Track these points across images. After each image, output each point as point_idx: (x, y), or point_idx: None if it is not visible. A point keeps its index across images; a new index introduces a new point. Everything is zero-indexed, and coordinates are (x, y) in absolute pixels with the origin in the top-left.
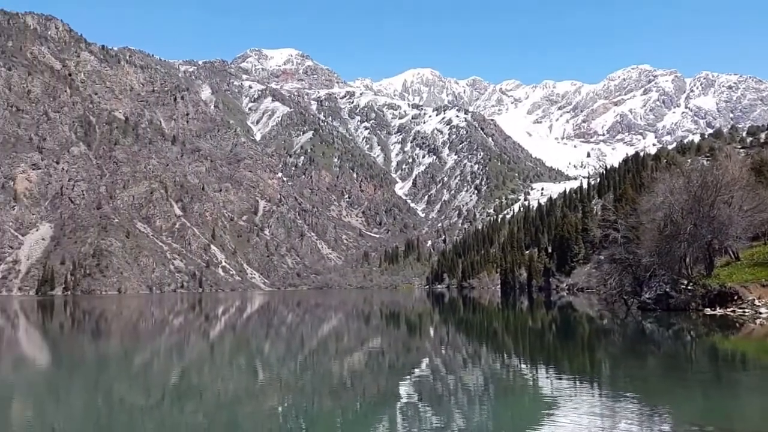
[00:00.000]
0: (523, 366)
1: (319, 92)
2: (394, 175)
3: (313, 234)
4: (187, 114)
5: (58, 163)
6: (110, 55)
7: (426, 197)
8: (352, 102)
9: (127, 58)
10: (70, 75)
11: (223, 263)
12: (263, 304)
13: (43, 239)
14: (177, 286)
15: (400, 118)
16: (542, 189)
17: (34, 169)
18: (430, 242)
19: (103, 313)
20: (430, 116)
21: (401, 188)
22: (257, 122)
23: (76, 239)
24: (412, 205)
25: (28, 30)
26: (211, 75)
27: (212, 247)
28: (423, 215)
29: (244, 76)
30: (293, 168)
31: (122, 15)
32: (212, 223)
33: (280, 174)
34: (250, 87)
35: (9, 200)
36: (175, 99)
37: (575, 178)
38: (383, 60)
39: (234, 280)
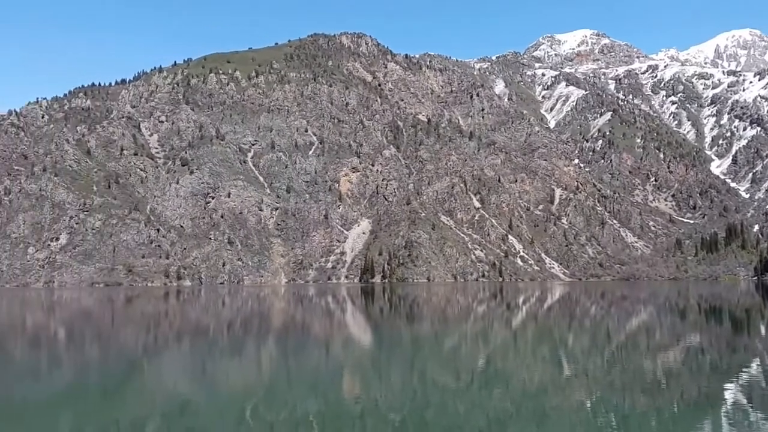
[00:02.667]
0: None
1: (617, 70)
2: (708, 153)
3: (615, 221)
4: (482, 109)
5: (373, 165)
6: (412, 63)
7: (750, 175)
8: (656, 76)
9: (428, 63)
10: (379, 85)
11: (521, 253)
12: (564, 294)
13: (363, 233)
14: (479, 275)
15: (713, 87)
16: None
17: (354, 172)
18: (757, 227)
19: (416, 299)
20: (750, 82)
21: (718, 167)
22: (551, 109)
23: (390, 232)
24: (733, 185)
25: (344, 49)
26: (504, 68)
27: (510, 237)
28: (747, 196)
29: (537, 65)
30: (590, 153)
31: (422, 24)
32: (509, 214)
33: (576, 160)
34: (543, 75)
35: (335, 200)
36: (471, 96)
37: None
38: (690, 25)
39: (533, 269)
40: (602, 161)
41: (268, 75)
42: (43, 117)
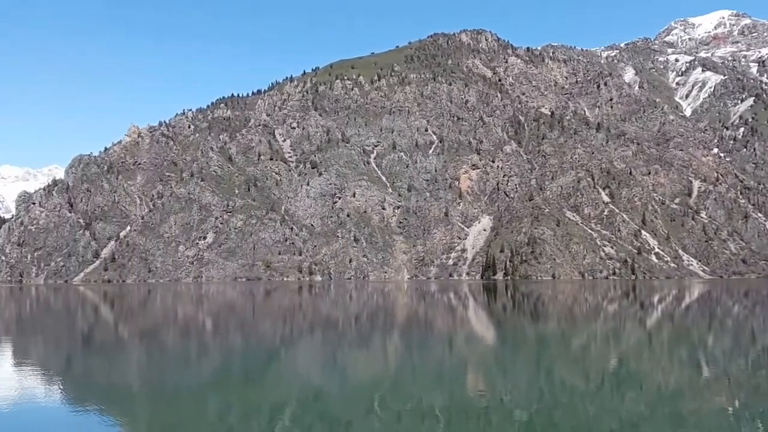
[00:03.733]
0: None
1: (760, 51)
2: None
3: (760, 215)
4: (611, 99)
5: (493, 161)
6: (534, 55)
7: None
8: None
9: (551, 54)
10: (500, 80)
11: (656, 249)
12: (703, 293)
13: (484, 230)
14: (609, 272)
15: None
16: None
17: (474, 169)
18: None
19: (540, 297)
20: None
21: None
22: (686, 96)
23: (512, 229)
24: None
25: (463, 46)
26: (634, 56)
27: (643, 232)
28: None
29: (669, 50)
30: (731, 142)
31: (544, 16)
32: (642, 208)
33: (715, 150)
34: (677, 60)
35: (455, 197)
36: (598, 86)
37: None
38: None
39: (669, 267)
40: (744, 150)
41: (389, 77)
42: (189, 127)
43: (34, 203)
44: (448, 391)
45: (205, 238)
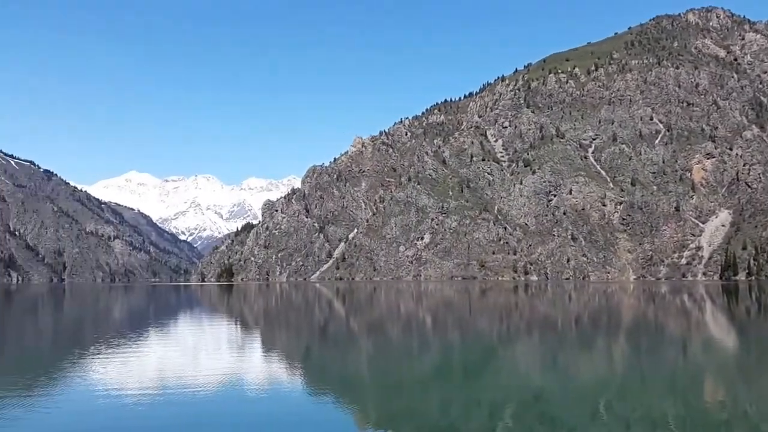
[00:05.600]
0: None
1: None
2: None
3: None
4: None
5: (731, 149)
6: None
7: None
8: None
9: None
10: (735, 60)
11: None
12: None
13: (722, 225)
14: None
15: None
16: None
17: (708, 158)
18: None
19: None
20: None
21: None
22: None
23: (756, 223)
24: None
25: (690, 26)
26: None
27: None
28: None
29: None
30: None
31: None
32: None
33: None
34: None
35: (687, 190)
36: None
37: None
38: None
39: None
40: None
41: (607, 66)
42: (406, 134)
43: (276, 210)
44: (682, 400)
45: (422, 238)
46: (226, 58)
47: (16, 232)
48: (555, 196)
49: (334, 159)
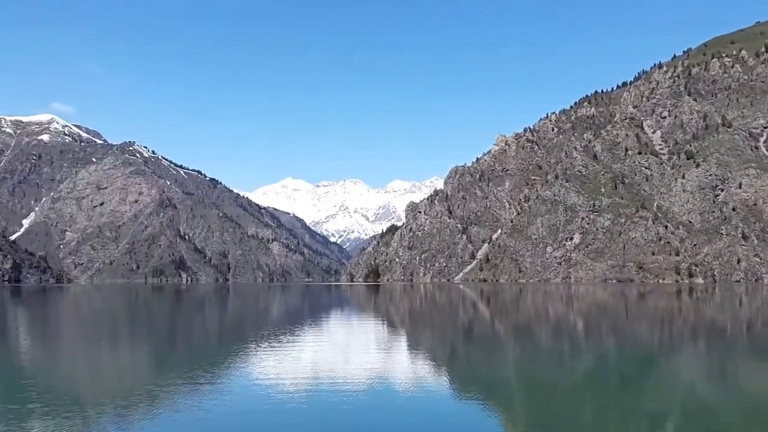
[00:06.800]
0: None
1: None
2: None
3: None
4: None
5: None
6: None
7: None
8: None
9: None
10: None
11: None
12: None
13: None
14: None
15: None
16: None
17: None
18: None
19: None
20: None
21: None
22: None
23: None
24: None
25: None
26: None
27: None
28: None
29: None
30: None
31: None
32: None
33: None
34: None
35: None
36: None
37: None
38: None
39: None
40: None
41: None
42: (553, 130)
43: (419, 212)
44: None
45: (571, 239)
46: (356, 66)
47: (186, 236)
48: (722, 190)
49: (477, 159)
